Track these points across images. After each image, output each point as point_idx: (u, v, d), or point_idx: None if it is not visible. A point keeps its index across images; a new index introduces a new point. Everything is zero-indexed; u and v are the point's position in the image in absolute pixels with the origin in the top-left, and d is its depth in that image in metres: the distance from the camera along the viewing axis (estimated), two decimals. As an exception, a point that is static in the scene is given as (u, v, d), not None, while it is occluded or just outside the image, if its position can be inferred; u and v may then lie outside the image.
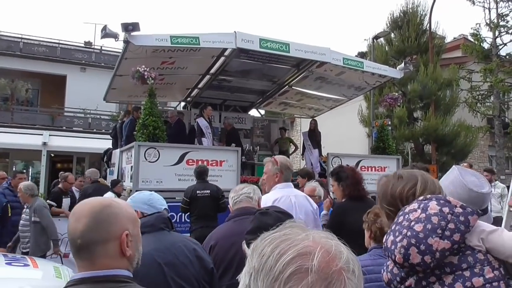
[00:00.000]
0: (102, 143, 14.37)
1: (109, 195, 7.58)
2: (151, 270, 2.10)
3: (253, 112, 13.41)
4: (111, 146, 11.58)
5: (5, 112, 19.25)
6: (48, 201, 7.59)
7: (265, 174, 3.60)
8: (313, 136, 11.07)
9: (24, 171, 16.69)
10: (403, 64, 10.05)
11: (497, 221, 3.60)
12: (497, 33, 16.49)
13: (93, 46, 23.03)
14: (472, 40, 17.31)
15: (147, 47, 7.48)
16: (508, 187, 6.39)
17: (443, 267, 1.27)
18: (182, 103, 12.91)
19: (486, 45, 16.82)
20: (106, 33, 7.31)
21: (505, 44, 16.67)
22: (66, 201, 7.70)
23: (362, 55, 21.05)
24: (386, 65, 12.17)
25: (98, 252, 1.31)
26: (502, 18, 16.44)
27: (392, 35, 17.29)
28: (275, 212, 2.09)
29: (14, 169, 17.82)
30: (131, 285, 1.34)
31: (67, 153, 18.30)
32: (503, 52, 17.08)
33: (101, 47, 22.77)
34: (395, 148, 11.10)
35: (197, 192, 6.56)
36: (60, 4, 59.90)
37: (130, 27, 6.97)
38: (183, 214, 7.28)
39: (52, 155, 18.39)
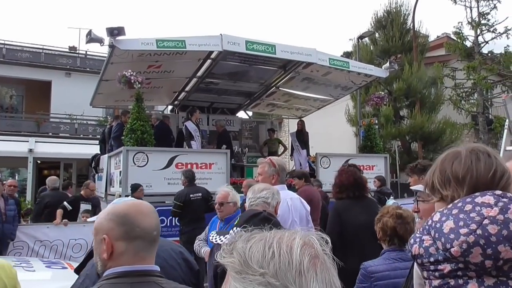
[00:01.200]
0: (90, 149, 14.26)
1: (86, 206, 7.67)
2: None
3: (241, 114, 13.43)
4: (98, 152, 11.49)
5: (-11, 119, 18.98)
6: (65, 203, 7.55)
7: (260, 176, 3.46)
8: (301, 136, 11.13)
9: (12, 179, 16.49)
10: (388, 63, 10.17)
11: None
12: (478, 31, 16.76)
13: (77, 51, 22.80)
14: (455, 38, 17.55)
15: (133, 51, 7.46)
16: None
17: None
18: (170, 107, 12.88)
19: (468, 43, 17.07)
20: (91, 38, 7.28)
21: (487, 42, 16.95)
22: (84, 207, 7.83)
23: (347, 55, 21.20)
24: (371, 64, 12.30)
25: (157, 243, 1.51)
26: (483, 17, 16.71)
27: (377, 34, 17.46)
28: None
29: (-1, 176, 17.57)
30: (166, 280, 1.48)
31: (54, 159, 18.10)
32: (485, 50, 17.36)
33: (86, 51, 22.56)
34: (382, 146, 11.22)
35: (191, 195, 6.64)
36: (43, 9, 59.26)
37: (115, 32, 6.95)
38: (173, 218, 7.29)
39: (39, 161, 18.17)
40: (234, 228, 2.02)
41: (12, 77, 19.73)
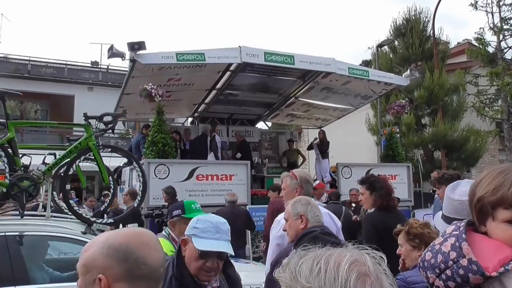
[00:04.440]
0: (112, 161, 14.42)
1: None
2: None
3: (261, 125, 13.45)
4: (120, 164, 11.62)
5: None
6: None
7: (283, 190, 3.37)
8: (322, 146, 11.06)
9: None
10: (408, 71, 10.04)
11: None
12: (501, 36, 16.44)
13: (99, 66, 23.31)
14: (476, 44, 17.25)
15: (154, 65, 7.56)
16: None
17: None
18: (190, 119, 12.99)
19: (491, 49, 16.75)
20: (113, 53, 7.41)
21: (510, 48, 16.59)
22: None
23: (366, 63, 21.02)
24: (391, 73, 12.17)
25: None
26: (506, 22, 16.40)
27: (396, 42, 17.29)
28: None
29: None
30: None
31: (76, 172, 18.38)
32: (508, 56, 16.99)
33: (108, 66, 23.06)
34: (404, 155, 11.03)
35: None
36: (66, 26, 60.87)
37: (136, 46, 7.07)
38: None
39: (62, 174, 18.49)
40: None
41: (37, 92, 20.24)
